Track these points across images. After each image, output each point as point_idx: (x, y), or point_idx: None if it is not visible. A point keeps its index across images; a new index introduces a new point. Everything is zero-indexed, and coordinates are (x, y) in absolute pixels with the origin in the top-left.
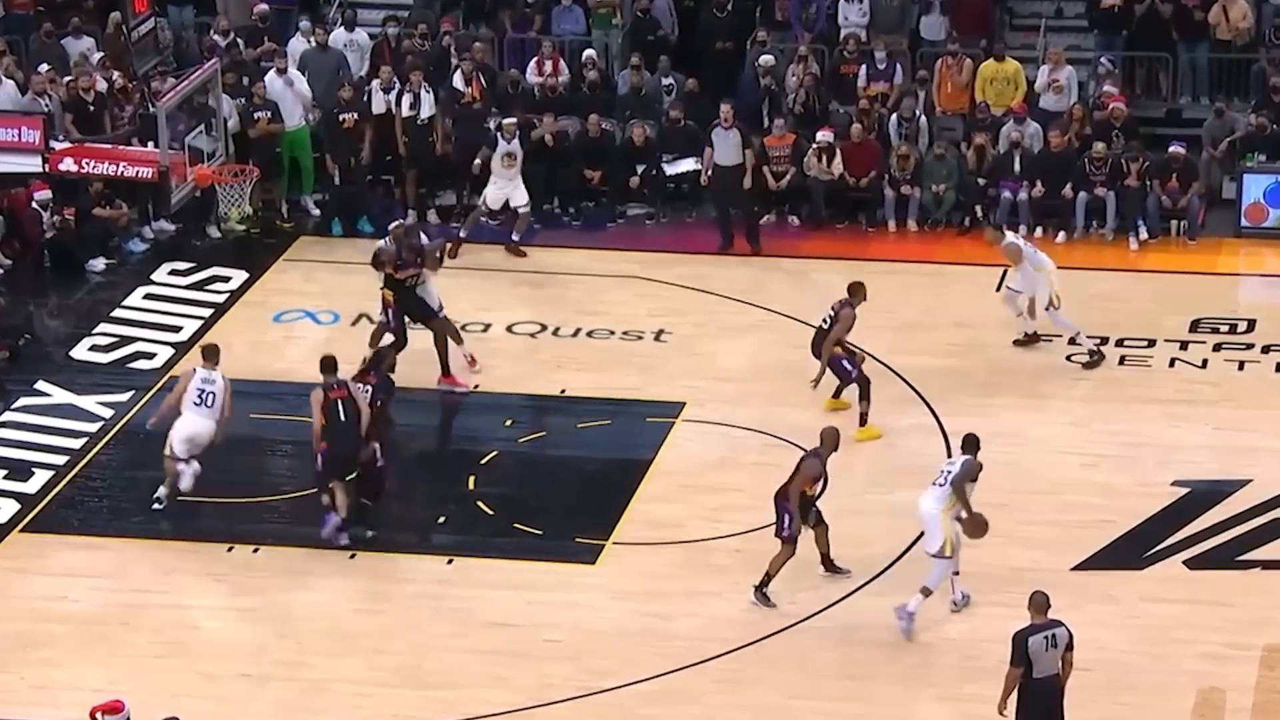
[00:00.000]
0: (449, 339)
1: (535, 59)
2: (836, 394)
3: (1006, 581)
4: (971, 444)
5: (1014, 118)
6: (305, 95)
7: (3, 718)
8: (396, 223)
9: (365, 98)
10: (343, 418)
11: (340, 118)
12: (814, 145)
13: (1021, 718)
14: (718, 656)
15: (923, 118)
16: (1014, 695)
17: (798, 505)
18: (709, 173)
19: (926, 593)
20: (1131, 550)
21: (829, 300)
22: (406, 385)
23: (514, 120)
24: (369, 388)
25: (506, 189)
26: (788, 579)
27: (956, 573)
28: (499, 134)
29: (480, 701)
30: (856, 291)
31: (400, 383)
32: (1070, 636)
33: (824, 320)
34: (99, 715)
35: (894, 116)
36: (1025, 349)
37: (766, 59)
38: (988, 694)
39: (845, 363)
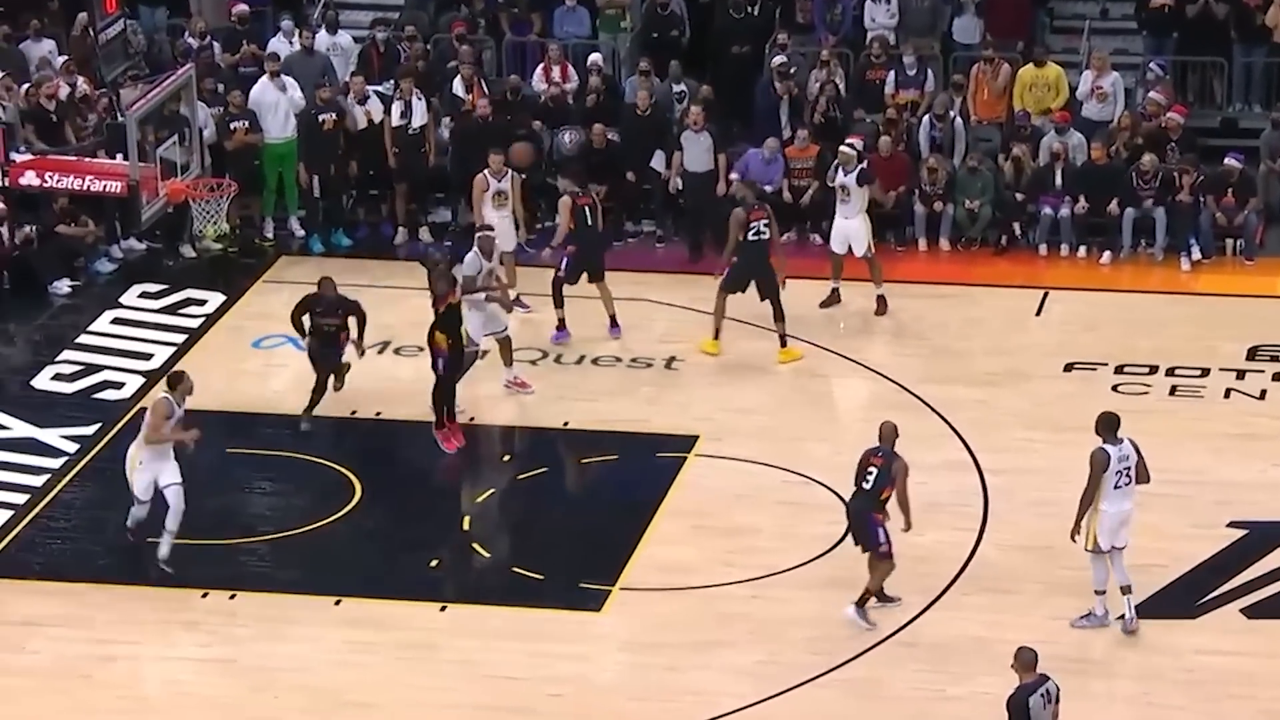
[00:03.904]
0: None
1: (542, 65)
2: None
3: (1046, 631)
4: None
5: (1055, 127)
6: (299, 103)
7: None
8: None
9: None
10: (589, 222)
11: (319, 119)
12: (839, 155)
13: None
14: (732, 713)
15: (958, 119)
16: None
17: (909, 507)
18: (679, 179)
19: (1099, 593)
20: (1184, 597)
21: (852, 325)
22: (400, 418)
23: (501, 157)
24: None
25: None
26: (811, 628)
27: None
28: (485, 172)
29: None
30: None
31: (393, 416)
32: (1058, 689)
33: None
34: None
35: (925, 119)
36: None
37: (779, 60)
38: None
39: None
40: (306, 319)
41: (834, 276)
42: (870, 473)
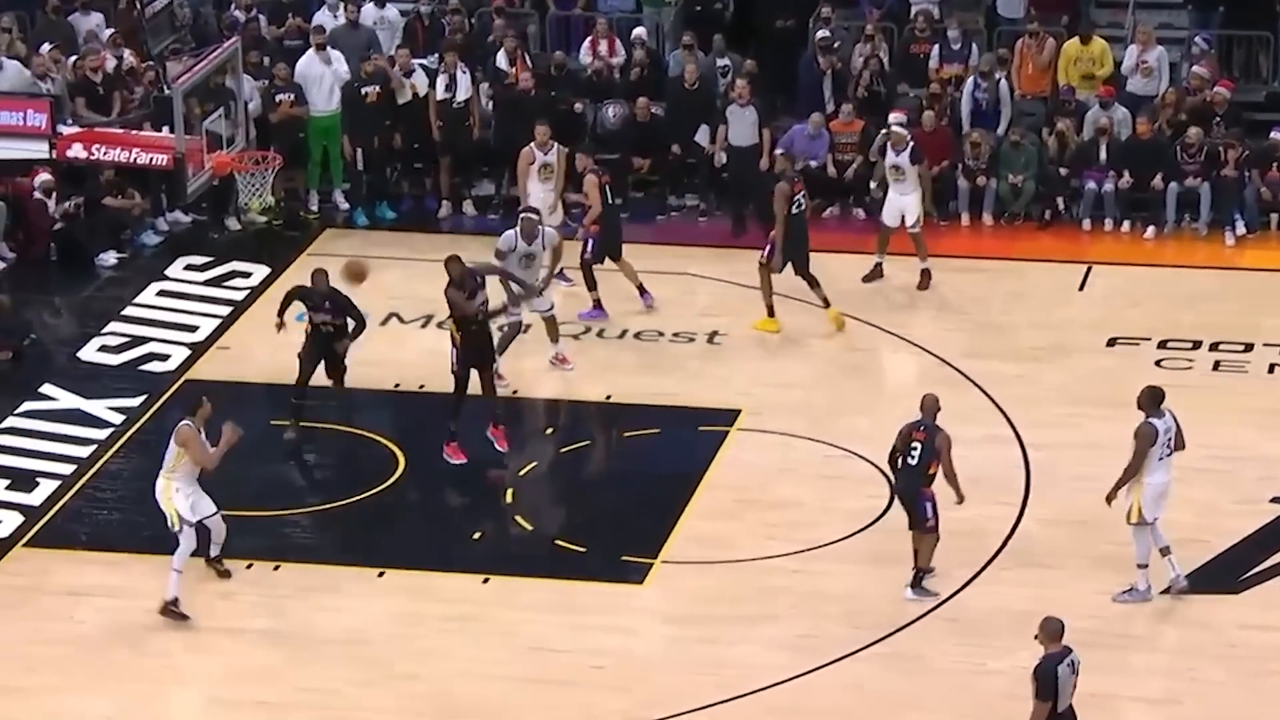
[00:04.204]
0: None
1: (589, 38)
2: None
3: (1089, 606)
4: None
5: (1100, 102)
6: (344, 76)
7: None
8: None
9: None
10: (610, 200)
11: (363, 92)
12: (884, 131)
13: None
14: (773, 685)
15: (1003, 82)
16: None
17: (956, 480)
18: (723, 153)
19: (1142, 566)
20: (1227, 573)
21: (895, 299)
22: (443, 390)
23: (546, 129)
24: None
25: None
26: (852, 602)
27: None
28: (531, 145)
29: None
30: None
31: (436, 388)
32: (1079, 661)
33: None
34: None
35: (970, 82)
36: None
37: (823, 35)
38: None
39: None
40: (293, 310)
41: (879, 251)
42: (915, 448)
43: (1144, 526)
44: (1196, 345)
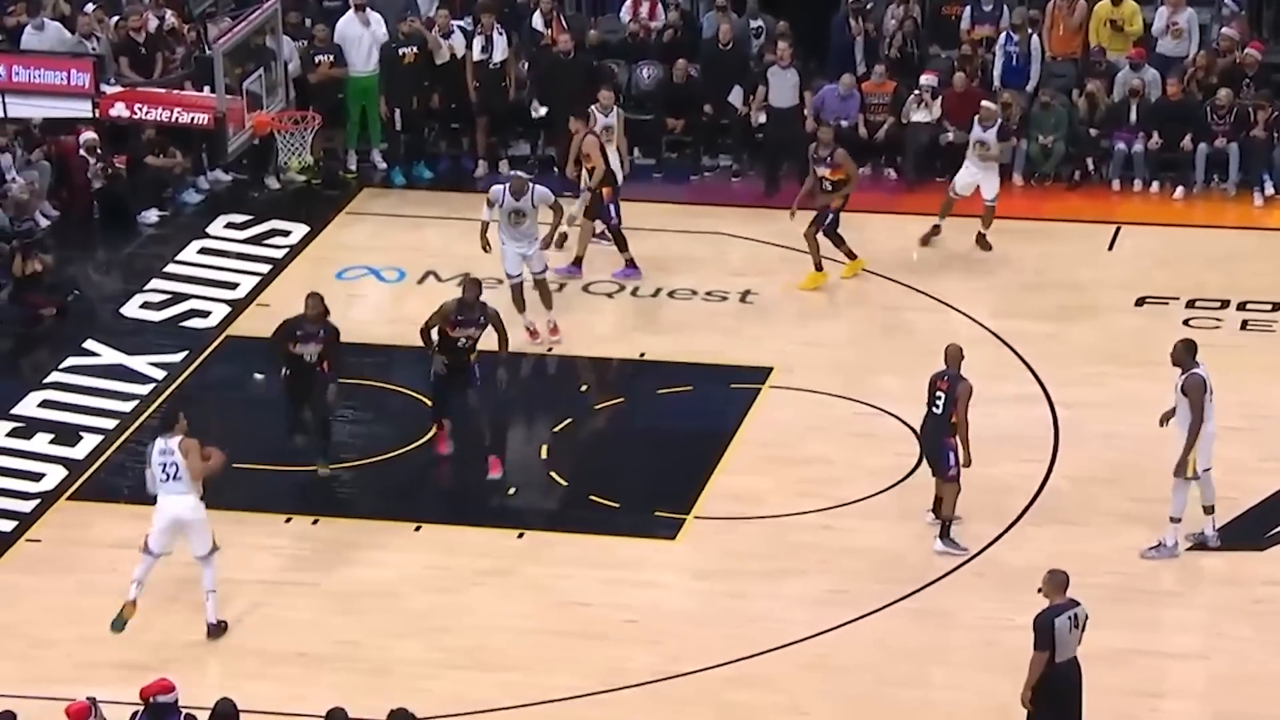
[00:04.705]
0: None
1: (631, 0)
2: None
3: (1116, 562)
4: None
5: (1130, 63)
6: (383, 38)
7: (48, 697)
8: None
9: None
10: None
11: (400, 53)
12: (916, 91)
13: (1043, 704)
14: (803, 640)
15: (1035, 37)
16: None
17: (966, 434)
18: (762, 113)
19: (1175, 520)
20: (1254, 529)
21: (924, 257)
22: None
23: (610, 93)
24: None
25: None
26: (881, 558)
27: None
28: (594, 107)
29: (550, 686)
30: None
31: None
32: (1087, 617)
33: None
34: (150, 697)
35: (1001, 37)
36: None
37: None
38: (1094, 682)
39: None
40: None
41: (941, 214)
42: (939, 397)
43: (1190, 481)
44: (1224, 305)
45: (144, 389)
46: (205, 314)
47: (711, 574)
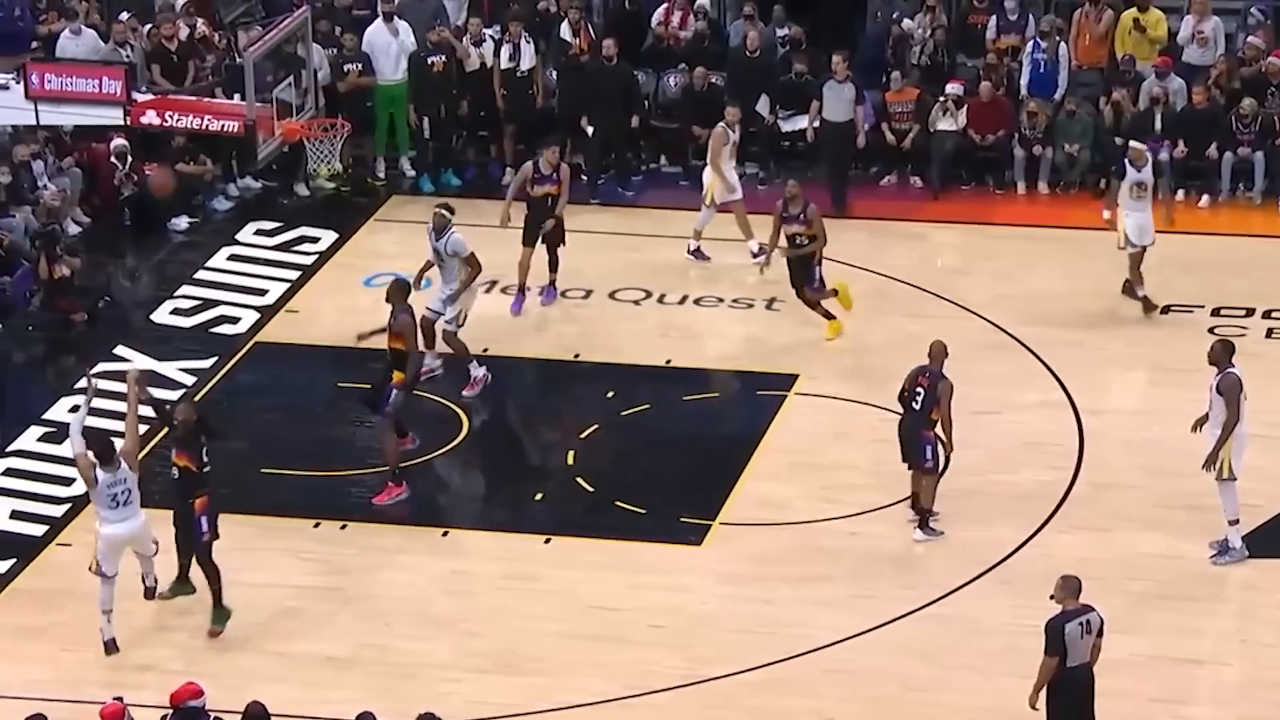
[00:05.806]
0: None
1: (664, 6)
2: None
3: (1141, 568)
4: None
5: (1156, 72)
6: (411, 46)
7: (78, 700)
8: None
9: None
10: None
11: (429, 61)
12: (940, 99)
13: (1055, 710)
14: (830, 645)
15: (1062, 45)
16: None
17: (950, 431)
18: (816, 128)
19: (1233, 523)
20: (1278, 538)
21: (951, 266)
22: (506, 354)
23: (737, 110)
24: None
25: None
26: (906, 564)
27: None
28: (722, 125)
29: (576, 690)
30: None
31: (499, 352)
32: (1102, 622)
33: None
34: (180, 703)
35: (1030, 45)
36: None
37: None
38: (1117, 687)
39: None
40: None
41: (1137, 278)
42: (918, 394)
43: (1231, 482)
44: (1250, 312)
45: (174, 394)
46: (235, 320)
47: (738, 579)
